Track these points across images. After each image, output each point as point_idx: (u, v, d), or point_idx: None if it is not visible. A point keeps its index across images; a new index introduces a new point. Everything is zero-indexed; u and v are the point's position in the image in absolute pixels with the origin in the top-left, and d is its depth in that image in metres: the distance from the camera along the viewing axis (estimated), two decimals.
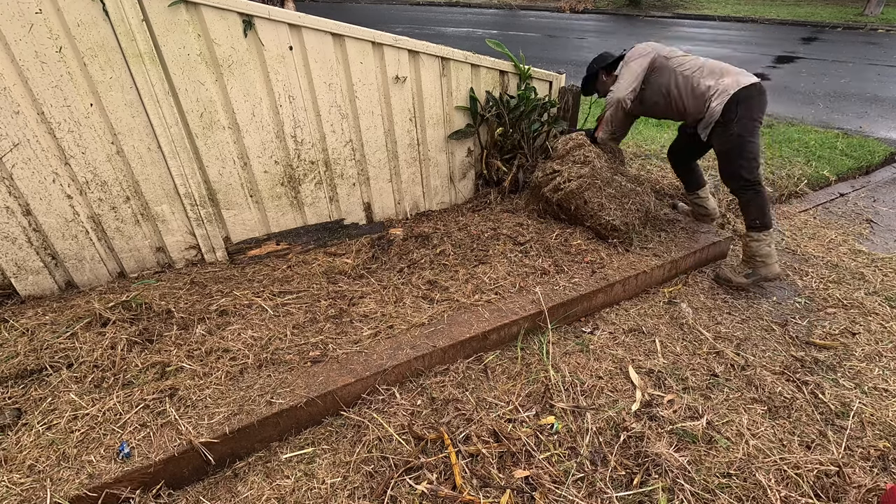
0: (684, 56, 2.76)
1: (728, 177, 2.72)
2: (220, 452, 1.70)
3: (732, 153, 2.62)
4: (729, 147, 2.62)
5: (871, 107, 6.39)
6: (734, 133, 2.57)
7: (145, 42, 2.11)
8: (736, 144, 2.59)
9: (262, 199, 2.68)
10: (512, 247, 2.80)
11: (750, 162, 2.60)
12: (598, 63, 3.02)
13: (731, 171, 2.67)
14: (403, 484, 1.64)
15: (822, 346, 2.36)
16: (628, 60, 2.82)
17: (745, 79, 2.57)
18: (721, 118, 2.58)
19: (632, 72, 2.78)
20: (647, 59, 2.76)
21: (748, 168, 2.61)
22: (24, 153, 2.09)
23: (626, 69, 2.81)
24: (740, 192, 2.70)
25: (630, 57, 2.82)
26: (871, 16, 13.49)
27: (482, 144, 3.29)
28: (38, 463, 1.57)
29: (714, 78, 2.62)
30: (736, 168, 2.63)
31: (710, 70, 2.65)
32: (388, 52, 2.65)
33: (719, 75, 2.62)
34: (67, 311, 2.19)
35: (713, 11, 14.82)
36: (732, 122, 2.56)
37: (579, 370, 2.17)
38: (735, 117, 2.54)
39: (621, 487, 1.66)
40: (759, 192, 2.66)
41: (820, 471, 1.72)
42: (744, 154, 2.59)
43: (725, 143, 2.63)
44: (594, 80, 3.08)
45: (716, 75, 2.63)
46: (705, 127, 2.69)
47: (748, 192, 2.66)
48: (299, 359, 2.00)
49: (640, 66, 2.76)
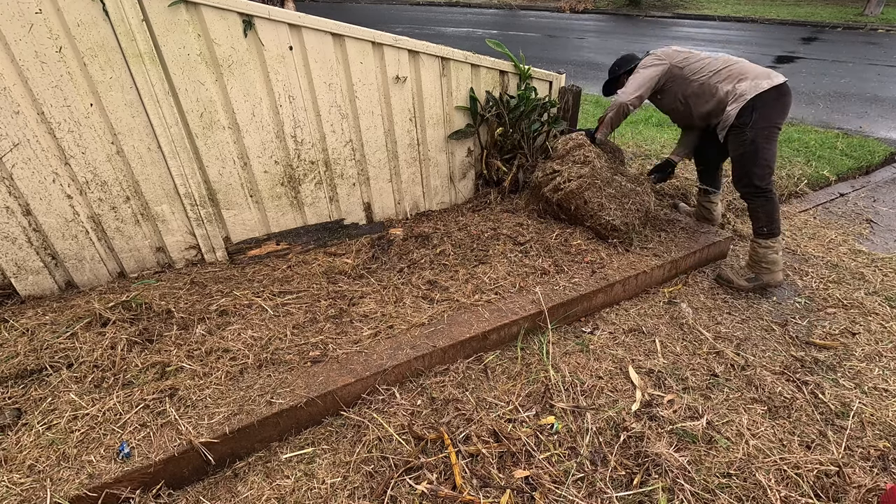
0: (701, 61, 2.70)
1: (739, 182, 2.69)
2: (220, 452, 1.70)
3: (746, 158, 2.59)
4: (743, 152, 2.60)
5: (871, 107, 6.39)
6: (748, 138, 2.54)
7: (145, 42, 2.11)
8: (750, 150, 2.56)
9: (262, 199, 2.68)
10: (512, 247, 2.80)
11: (763, 169, 2.57)
12: (622, 66, 3.00)
13: (743, 177, 2.65)
14: (403, 484, 1.64)
15: (822, 346, 2.36)
16: (640, 67, 2.80)
17: (765, 82, 2.50)
18: (736, 121, 2.56)
19: (640, 78, 2.76)
20: (659, 69, 2.73)
21: (760, 175, 2.58)
22: (24, 153, 2.09)
23: (636, 75, 2.79)
24: (750, 198, 2.68)
25: (643, 64, 2.80)
26: (871, 16, 13.49)
27: (482, 144, 3.29)
28: (38, 463, 1.57)
29: (731, 82, 2.58)
30: (748, 174, 2.61)
31: (728, 74, 2.61)
32: (388, 52, 2.65)
33: (737, 79, 2.57)
34: (67, 311, 2.19)
35: (713, 11, 14.82)
36: (747, 127, 2.53)
37: (579, 370, 2.17)
38: (750, 122, 2.51)
39: (621, 487, 1.66)
40: (770, 199, 2.63)
41: (820, 471, 1.72)
42: (758, 161, 2.56)
43: (739, 147, 2.60)
44: (616, 83, 3.05)
45: (734, 79, 2.58)
46: (722, 129, 2.67)
47: (759, 198, 2.64)
48: (299, 359, 2.00)
49: (650, 75, 2.74)
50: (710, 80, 2.63)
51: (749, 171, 2.60)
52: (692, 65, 2.71)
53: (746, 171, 2.61)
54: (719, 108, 2.64)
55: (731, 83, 2.58)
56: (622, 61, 3.02)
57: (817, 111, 6.23)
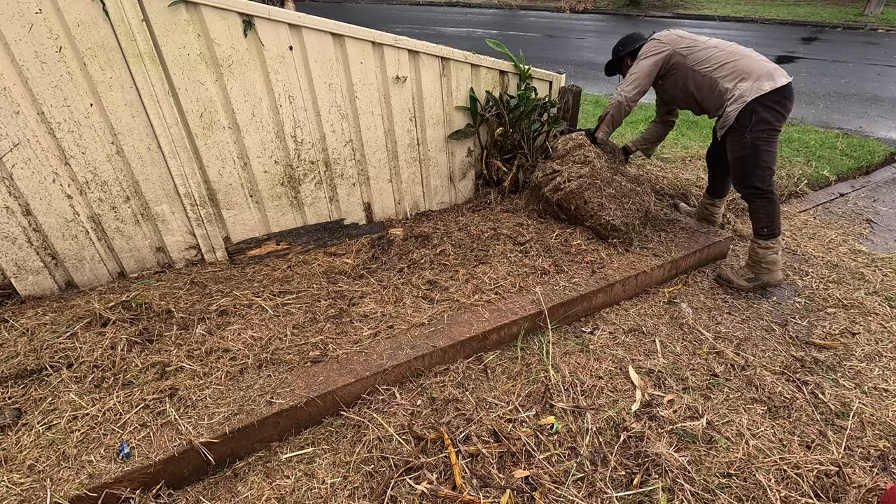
0: (705, 50, 2.59)
1: (740, 183, 2.65)
2: (220, 452, 1.70)
3: (746, 161, 2.54)
4: (742, 154, 2.55)
5: (871, 107, 6.39)
6: (747, 141, 2.49)
7: (145, 42, 2.11)
8: (750, 153, 2.51)
9: (262, 199, 2.68)
10: (512, 247, 2.80)
11: (763, 171, 2.53)
12: (626, 46, 2.90)
13: (744, 179, 2.60)
14: (403, 484, 1.64)
15: (822, 346, 2.36)
16: (640, 57, 2.72)
17: (767, 84, 2.42)
18: (735, 124, 2.51)
19: (640, 73, 2.70)
20: (659, 57, 2.65)
21: (761, 177, 2.54)
22: (24, 153, 2.09)
23: (636, 68, 2.72)
24: (751, 199, 2.64)
25: (643, 53, 2.71)
26: (871, 16, 13.49)
27: (482, 144, 3.29)
28: (38, 463, 1.57)
29: (733, 80, 2.49)
30: (749, 176, 2.56)
31: (731, 69, 2.51)
32: (388, 52, 2.65)
33: (740, 77, 2.48)
34: (67, 311, 2.19)
35: (713, 11, 14.82)
36: (746, 130, 2.47)
37: (579, 370, 2.17)
38: (749, 125, 2.46)
39: (621, 487, 1.66)
40: (771, 199, 2.59)
41: (820, 471, 1.72)
42: (758, 163, 2.51)
43: (738, 149, 2.56)
44: (619, 64, 2.98)
45: (736, 76, 2.49)
46: (721, 128, 2.62)
47: (760, 199, 2.60)
48: (299, 359, 2.00)
49: (649, 68, 2.67)
50: (713, 74, 2.55)
51: (749, 172, 2.56)
52: (696, 53, 2.60)
53: (747, 173, 2.57)
54: (718, 104, 2.59)
55: (733, 81, 2.50)
56: (627, 40, 2.92)
57: (817, 111, 6.23)
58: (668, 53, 2.65)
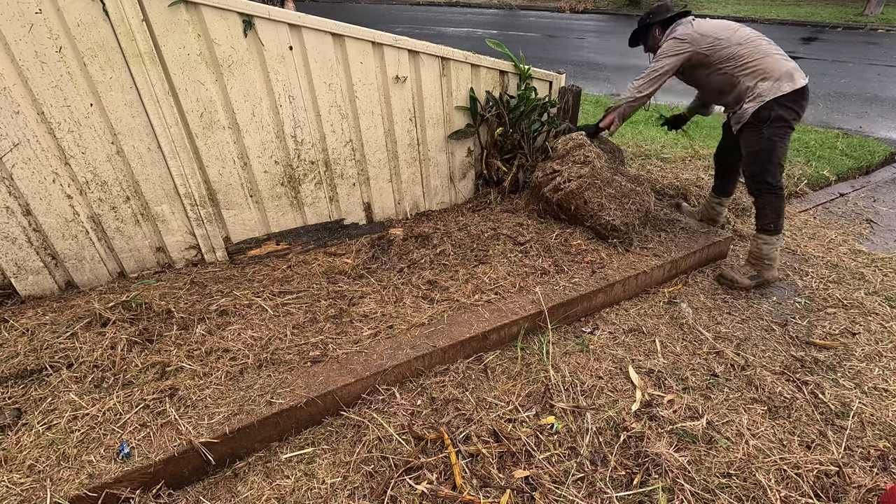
0: (728, 49, 2.56)
1: (752, 178, 2.68)
2: (220, 452, 1.70)
3: (760, 156, 2.59)
4: (757, 150, 2.60)
5: (871, 107, 6.39)
6: (763, 136, 2.54)
7: (145, 42, 2.11)
8: (764, 148, 2.56)
9: (262, 199, 2.68)
10: (512, 247, 2.80)
11: (775, 167, 2.59)
12: (655, 16, 2.81)
13: (756, 174, 2.64)
14: (403, 484, 1.64)
15: (822, 346, 2.36)
16: (661, 56, 2.68)
17: (787, 85, 2.47)
18: (752, 119, 2.55)
19: (657, 71, 2.69)
20: (679, 59, 2.64)
21: (772, 173, 2.59)
22: (24, 153, 2.09)
23: (654, 65, 2.70)
24: (761, 194, 2.68)
25: (663, 51, 2.67)
26: (871, 16, 13.49)
27: (482, 144, 3.29)
28: (38, 463, 1.57)
29: (754, 78, 2.53)
30: (762, 171, 2.61)
31: (753, 68, 2.53)
32: (388, 52, 2.65)
33: (760, 76, 2.51)
34: (67, 311, 2.19)
35: (713, 11, 14.82)
36: (763, 126, 2.53)
37: (579, 370, 2.17)
38: (767, 121, 2.51)
39: (621, 487, 1.66)
40: (779, 195, 2.64)
41: (820, 471, 1.72)
42: (772, 158, 2.57)
43: (754, 145, 2.61)
44: (645, 33, 2.89)
45: (757, 76, 2.52)
46: (736, 123, 2.66)
47: (769, 195, 2.65)
48: (299, 359, 2.00)
49: (668, 67, 2.67)
50: (735, 73, 2.58)
51: (763, 168, 2.60)
52: (719, 52, 2.58)
53: (761, 168, 2.61)
54: (737, 99, 2.63)
55: (754, 80, 2.53)
56: (656, 10, 2.83)
57: (817, 111, 6.23)
58: (688, 54, 2.64)
